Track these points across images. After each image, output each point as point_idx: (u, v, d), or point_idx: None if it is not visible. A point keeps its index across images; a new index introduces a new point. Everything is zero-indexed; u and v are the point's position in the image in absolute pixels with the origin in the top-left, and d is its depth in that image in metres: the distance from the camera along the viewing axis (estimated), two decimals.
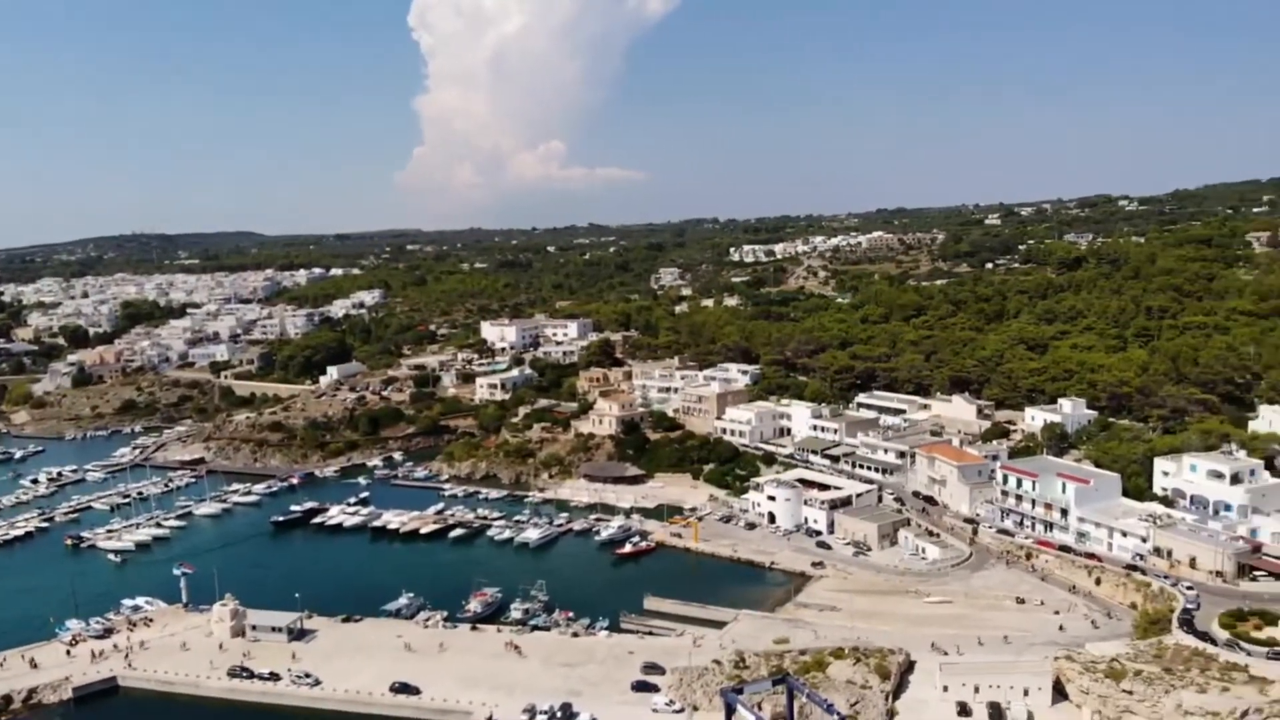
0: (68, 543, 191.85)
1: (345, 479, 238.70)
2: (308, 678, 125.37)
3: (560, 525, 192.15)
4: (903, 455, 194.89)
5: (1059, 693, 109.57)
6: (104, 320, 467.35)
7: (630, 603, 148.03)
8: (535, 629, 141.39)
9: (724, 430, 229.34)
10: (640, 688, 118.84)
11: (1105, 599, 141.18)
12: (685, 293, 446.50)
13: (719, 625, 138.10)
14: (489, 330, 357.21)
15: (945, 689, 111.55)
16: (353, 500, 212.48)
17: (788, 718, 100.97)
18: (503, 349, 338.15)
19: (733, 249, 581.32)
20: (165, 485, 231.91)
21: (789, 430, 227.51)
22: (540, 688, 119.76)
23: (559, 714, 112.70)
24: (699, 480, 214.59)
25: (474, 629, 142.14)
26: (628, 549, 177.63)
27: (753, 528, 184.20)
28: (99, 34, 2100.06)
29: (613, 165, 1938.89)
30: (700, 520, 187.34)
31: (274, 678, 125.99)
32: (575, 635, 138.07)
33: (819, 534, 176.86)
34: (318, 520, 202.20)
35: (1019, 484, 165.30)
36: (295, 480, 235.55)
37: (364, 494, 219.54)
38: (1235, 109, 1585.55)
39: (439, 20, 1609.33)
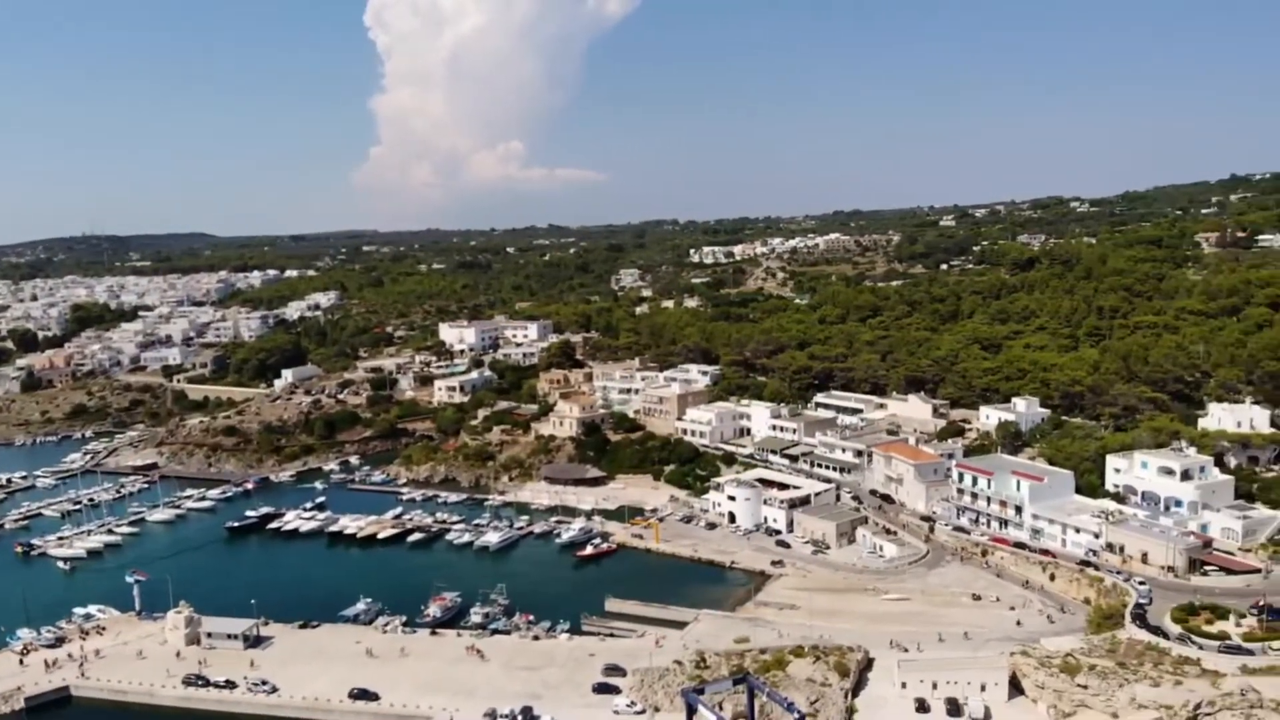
0: (17, 550, 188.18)
1: (301, 483, 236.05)
2: (264, 685, 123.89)
3: (520, 528, 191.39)
4: (860, 454, 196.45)
5: (1015, 688, 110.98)
6: (53, 323, 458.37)
7: (591, 605, 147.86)
8: (495, 633, 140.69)
9: (685, 431, 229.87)
10: (601, 690, 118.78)
11: (1059, 594, 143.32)
12: (645, 294, 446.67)
13: (680, 625, 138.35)
14: (447, 332, 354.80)
15: (903, 685, 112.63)
16: (309, 505, 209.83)
17: (749, 717, 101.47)
18: (461, 351, 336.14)
19: (692, 250, 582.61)
20: (117, 491, 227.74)
21: (749, 430, 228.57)
22: (501, 692, 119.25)
23: (519, 718, 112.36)
24: (660, 481, 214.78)
25: (433, 634, 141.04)
26: (589, 551, 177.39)
27: (713, 528, 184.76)
28: (46, 33, 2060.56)
29: (572, 166, 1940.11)
30: (661, 521, 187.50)
31: (230, 685, 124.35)
32: (536, 638, 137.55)
33: (778, 533, 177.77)
34: (273, 526, 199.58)
35: (974, 482, 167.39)
36: (250, 485, 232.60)
37: (320, 499, 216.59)
38: (1184, 112, 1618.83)
39: (395, 19, 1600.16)
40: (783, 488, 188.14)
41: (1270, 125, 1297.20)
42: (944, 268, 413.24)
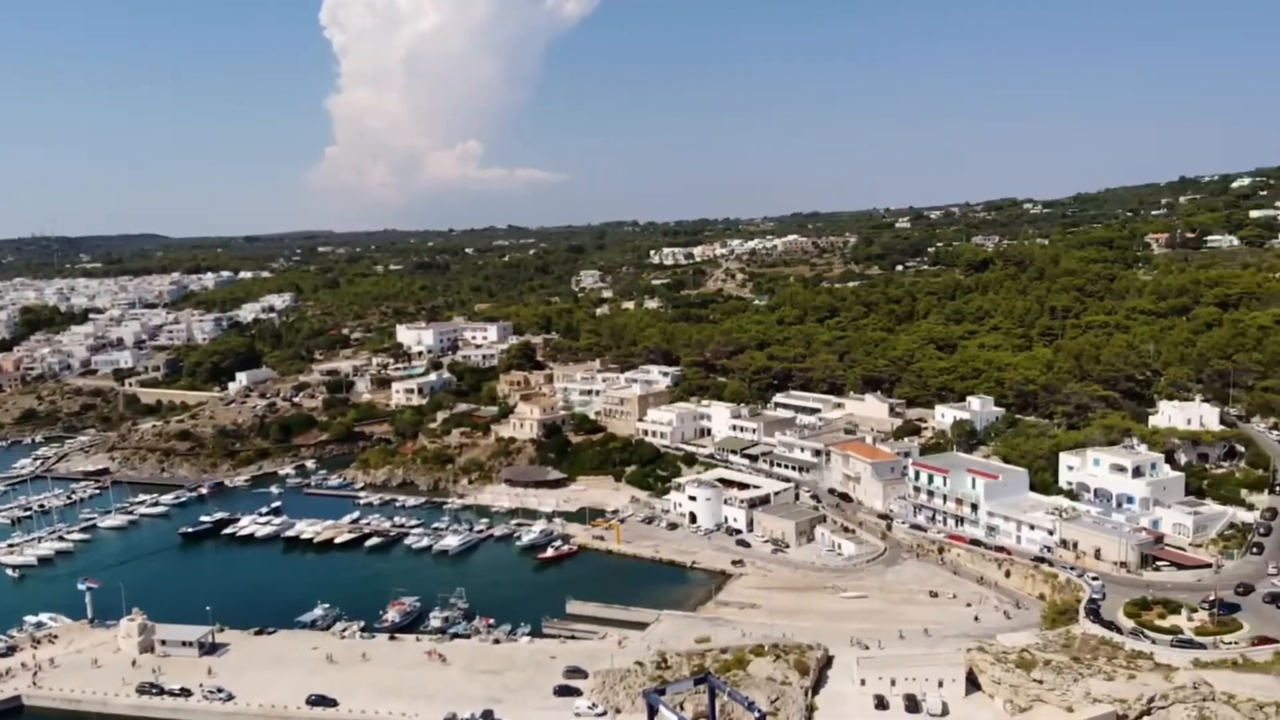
0: None
1: (256, 488, 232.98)
2: (220, 693, 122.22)
3: (480, 531, 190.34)
4: (819, 453, 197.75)
5: (972, 683, 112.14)
6: (2, 327, 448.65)
7: (553, 607, 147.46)
8: (455, 637, 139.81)
9: (646, 432, 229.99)
10: (563, 692, 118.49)
11: (1015, 591, 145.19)
12: (606, 295, 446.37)
13: (642, 626, 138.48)
14: (405, 334, 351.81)
15: (863, 683, 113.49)
16: (264, 510, 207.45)
17: (710, 716, 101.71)
18: (419, 353, 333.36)
19: (653, 251, 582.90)
20: (68, 497, 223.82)
21: (709, 430, 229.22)
22: (461, 696, 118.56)
23: None
24: (621, 482, 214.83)
25: (392, 639, 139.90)
26: (550, 553, 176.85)
27: (674, 528, 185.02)
28: None
29: (532, 166, 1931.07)
30: (622, 522, 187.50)
31: (185, 693, 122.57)
32: (496, 642, 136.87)
33: (739, 532, 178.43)
34: (228, 531, 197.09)
35: (930, 480, 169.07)
36: (204, 490, 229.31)
37: (276, 503, 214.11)
38: (1134, 115, 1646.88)
39: (351, 18, 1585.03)
40: (743, 487, 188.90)
41: (1217, 129, 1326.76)
42: (900, 269, 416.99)
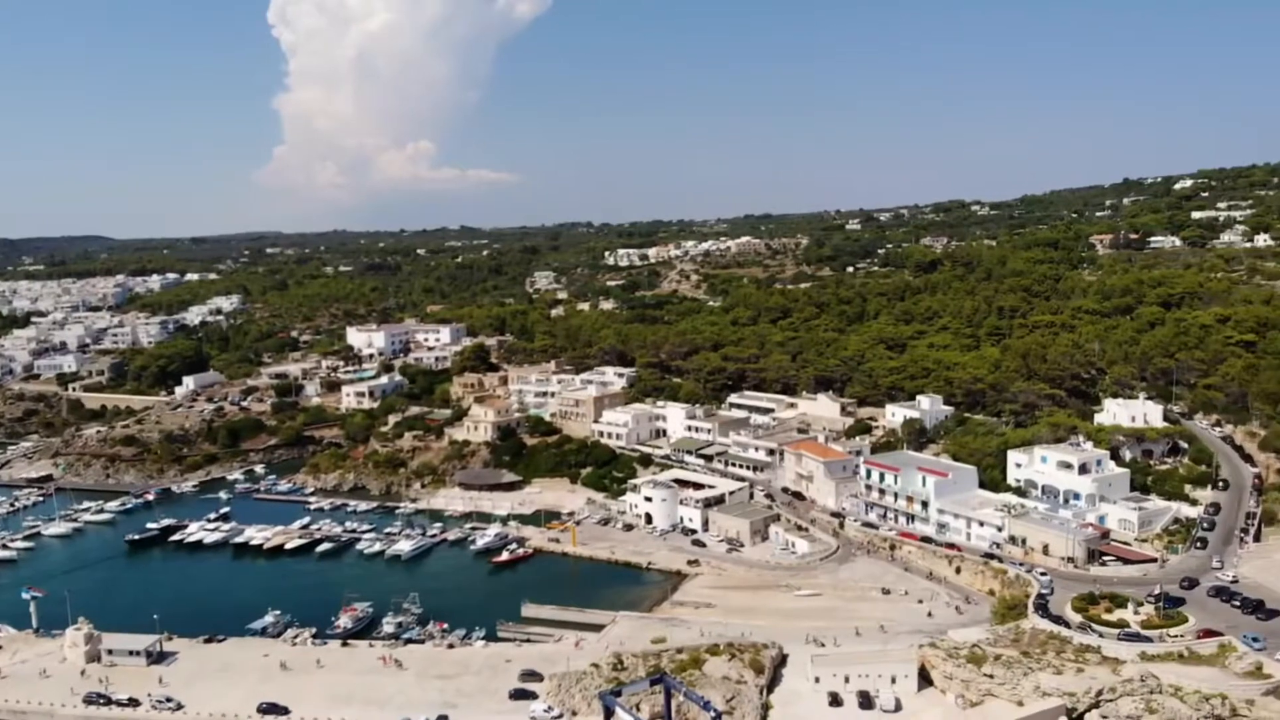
0: None
1: (204, 494, 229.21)
2: (169, 702, 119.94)
3: (434, 536, 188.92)
4: (772, 453, 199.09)
5: (925, 679, 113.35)
6: None
7: (508, 611, 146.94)
8: (409, 642, 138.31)
9: (601, 433, 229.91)
10: (518, 696, 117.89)
11: (965, 587, 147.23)
12: (561, 296, 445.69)
13: (598, 628, 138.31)
14: (355, 336, 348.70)
15: (817, 680, 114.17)
16: (213, 516, 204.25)
17: (665, 717, 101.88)
18: (370, 355, 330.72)
19: (607, 253, 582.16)
20: (10, 505, 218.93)
21: (664, 431, 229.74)
22: (415, 702, 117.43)
23: None
24: (577, 484, 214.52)
25: (345, 645, 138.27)
26: (505, 557, 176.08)
27: (630, 529, 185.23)
28: None
29: (485, 167, 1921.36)
30: (578, 524, 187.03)
31: (133, 703, 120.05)
32: (451, 646, 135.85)
33: (694, 532, 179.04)
34: (176, 538, 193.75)
35: (882, 478, 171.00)
36: (151, 496, 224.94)
37: (224, 509, 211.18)
38: (1080, 118, 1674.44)
39: (300, 16, 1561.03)
40: (698, 487, 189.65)
41: (1160, 131, 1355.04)
42: (850, 270, 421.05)
